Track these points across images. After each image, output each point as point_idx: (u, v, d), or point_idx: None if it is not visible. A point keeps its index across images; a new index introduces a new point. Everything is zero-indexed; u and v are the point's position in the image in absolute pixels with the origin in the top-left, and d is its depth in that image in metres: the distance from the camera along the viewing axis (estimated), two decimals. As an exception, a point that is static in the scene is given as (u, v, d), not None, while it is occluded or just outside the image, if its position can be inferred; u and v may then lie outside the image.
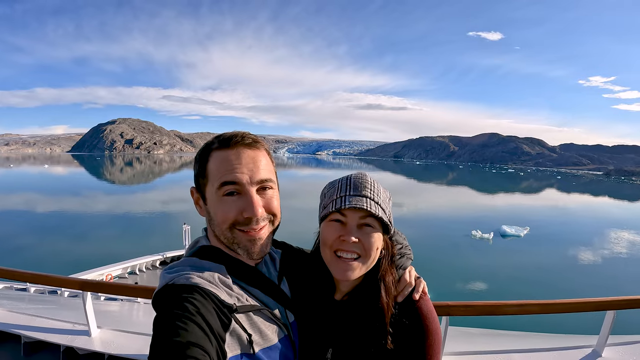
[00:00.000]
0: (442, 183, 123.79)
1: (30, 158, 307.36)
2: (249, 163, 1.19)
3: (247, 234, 1.19)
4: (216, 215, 1.19)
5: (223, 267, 1.16)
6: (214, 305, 1.01)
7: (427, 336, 1.25)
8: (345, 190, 1.29)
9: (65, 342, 2.95)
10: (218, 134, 1.26)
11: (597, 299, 2.64)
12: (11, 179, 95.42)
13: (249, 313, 1.13)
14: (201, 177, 1.22)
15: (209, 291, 1.03)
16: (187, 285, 1.02)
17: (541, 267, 26.26)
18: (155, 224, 37.76)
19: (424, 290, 1.36)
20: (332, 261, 1.30)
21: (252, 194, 1.18)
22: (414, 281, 1.37)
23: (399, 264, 1.41)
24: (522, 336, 3.56)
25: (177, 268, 1.12)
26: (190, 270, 1.09)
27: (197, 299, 0.98)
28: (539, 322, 6.38)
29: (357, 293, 1.36)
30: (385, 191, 1.34)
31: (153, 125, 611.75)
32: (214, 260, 1.18)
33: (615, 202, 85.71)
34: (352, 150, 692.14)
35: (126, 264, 17.99)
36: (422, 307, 1.29)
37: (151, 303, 1.05)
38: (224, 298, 1.06)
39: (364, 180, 1.30)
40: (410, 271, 1.40)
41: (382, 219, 1.26)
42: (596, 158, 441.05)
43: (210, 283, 1.07)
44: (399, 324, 1.28)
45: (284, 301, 1.32)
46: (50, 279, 3.08)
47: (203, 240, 1.28)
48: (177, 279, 1.04)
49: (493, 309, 2.40)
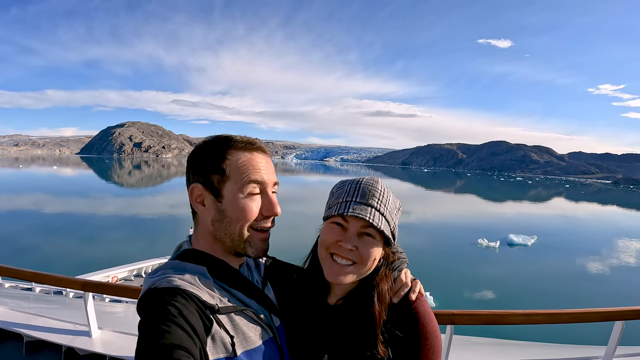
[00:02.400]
0: (449, 191, 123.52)
1: (39, 159, 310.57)
2: (269, 166, 1.25)
3: (262, 233, 1.24)
4: (236, 213, 1.19)
5: (204, 269, 1.16)
6: (196, 307, 1.01)
7: (425, 339, 1.22)
8: (352, 195, 1.25)
9: (66, 343, 2.95)
10: (222, 135, 1.25)
11: (605, 309, 2.59)
12: (20, 180, 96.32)
13: (231, 314, 1.12)
14: (216, 173, 1.19)
15: (191, 293, 1.03)
16: (169, 288, 1.02)
17: (548, 277, 26.02)
18: (162, 227, 37.92)
19: (421, 291, 1.33)
20: (326, 262, 1.27)
21: (272, 194, 1.24)
22: (410, 282, 1.34)
23: (395, 266, 1.36)
24: (528, 346, 3.51)
25: (160, 272, 1.12)
26: (172, 273, 1.09)
27: (179, 301, 0.98)
28: (545, 333, 6.31)
29: (351, 298, 1.32)
30: (395, 200, 1.29)
31: (162, 129, 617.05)
32: (195, 263, 1.17)
33: (623, 211, 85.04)
34: (360, 157, 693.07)
35: (132, 267, 18.05)
36: (418, 308, 1.26)
37: (136, 308, 1.05)
38: (206, 299, 1.06)
39: (373, 187, 1.26)
40: (406, 273, 1.37)
41: (384, 233, 1.21)
42: (605, 167, 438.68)
43: (191, 285, 1.06)
44: (395, 327, 1.24)
45: (268, 305, 1.30)
46: (52, 278, 3.07)
47: (186, 244, 1.27)
48: (159, 282, 1.04)
49: (499, 318, 2.36)
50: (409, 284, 1.33)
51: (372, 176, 1.33)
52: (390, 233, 1.24)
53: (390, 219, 1.25)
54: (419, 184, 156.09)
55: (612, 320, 2.67)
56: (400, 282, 1.33)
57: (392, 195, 1.29)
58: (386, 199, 1.25)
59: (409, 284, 1.33)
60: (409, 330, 1.23)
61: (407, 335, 1.23)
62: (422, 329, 1.23)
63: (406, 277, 1.35)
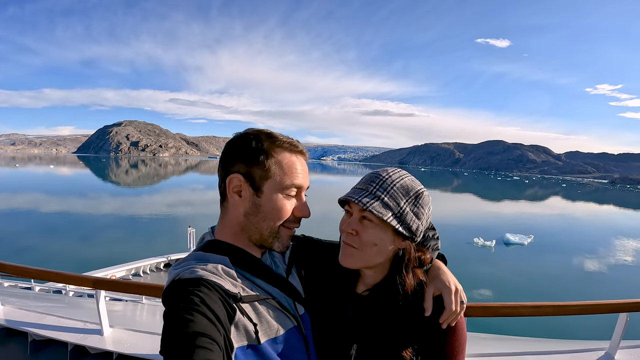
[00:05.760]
0: (446, 190, 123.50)
1: (36, 158, 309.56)
2: (306, 171, 1.29)
3: (291, 230, 1.27)
4: (272, 211, 1.22)
5: (227, 259, 1.17)
6: (219, 296, 1.02)
7: (453, 331, 1.24)
8: (358, 182, 1.29)
9: (75, 341, 2.94)
10: (265, 130, 1.27)
11: (611, 301, 2.62)
12: (16, 179, 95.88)
13: (254, 303, 1.14)
14: (259, 168, 1.20)
15: (214, 282, 1.04)
16: (192, 278, 1.04)
17: (545, 276, 26.02)
18: (160, 227, 37.78)
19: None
20: (341, 246, 1.30)
21: (304, 198, 1.30)
22: (459, 308, 1.26)
23: (428, 245, 1.33)
24: (534, 341, 3.53)
25: (183, 263, 1.14)
26: (194, 264, 1.11)
27: (202, 290, 0.99)
28: (551, 328, 6.36)
29: (378, 289, 1.31)
30: (407, 187, 1.24)
31: (159, 128, 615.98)
32: (218, 253, 1.19)
33: (620, 211, 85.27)
34: (357, 156, 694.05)
35: (130, 266, 17.98)
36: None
37: (161, 300, 1.08)
38: (229, 288, 1.07)
39: (377, 173, 1.27)
40: (453, 295, 1.27)
41: (383, 217, 1.18)
42: (601, 166, 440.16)
43: (214, 274, 1.08)
44: (423, 317, 1.25)
45: (292, 293, 1.31)
46: (61, 276, 3.07)
47: (208, 235, 1.29)
48: (183, 273, 1.06)
49: (510, 310, 2.40)
50: (458, 310, 1.26)
51: (395, 168, 1.31)
52: (394, 218, 1.20)
53: (393, 204, 1.21)
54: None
55: (617, 312, 2.71)
56: (450, 311, 1.24)
57: (405, 181, 1.25)
58: (388, 184, 1.23)
59: (457, 311, 1.26)
60: (436, 324, 1.24)
61: (435, 327, 1.24)
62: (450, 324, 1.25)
63: (454, 302, 1.26)
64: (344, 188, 1.41)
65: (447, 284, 1.28)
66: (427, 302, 1.25)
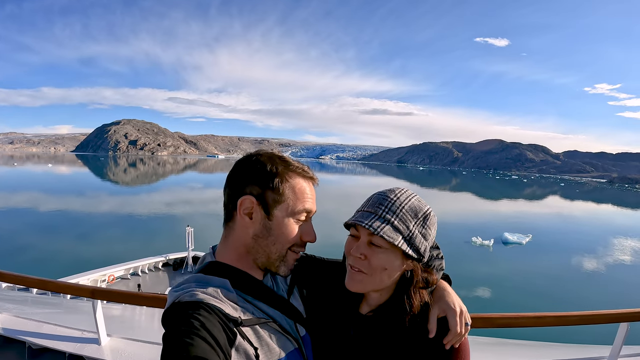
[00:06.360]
0: (445, 189, 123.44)
1: (34, 157, 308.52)
2: (315, 197, 1.31)
3: (297, 254, 1.29)
4: (282, 235, 1.23)
5: (227, 282, 1.16)
6: (219, 320, 1.01)
7: (457, 353, 1.22)
8: (365, 205, 1.27)
9: (73, 350, 2.93)
10: (277, 154, 1.29)
11: (611, 311, 2.64)
12: (15, 178, 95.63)
13: (255, 326, 1.13)
14: (273, 192, 1.20)
15: (213, 306, 1.04)
16: (192, 302, 1.03)
17: (544, 276, 26.04)
18: (158, 226, 37.68)
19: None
20: (347, 270, 1.27)
21: (311, 223, 1.32)
22: (464, 329, 1.24)
23: (432, 265, 1.29)
24: (535, 346, 3.54)
25: (183, 285, 1.13)
26: (195, 287, 1.10)
27: (202, 314, 0.99)
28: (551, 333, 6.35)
29: (382, 310, 1.30)
30: (415, 209, 1.22)
31: (157, 126, 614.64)
32: (218, 275, 1.18)
33: (619, 210, 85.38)
34: (355, 155, 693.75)
35: (129, 265, 17.93)
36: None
37: (160, 321, 1.06)
38: (229, 312, 1.07)
39: (384, 195, 1.24)
40: (458, 316, 1.24)
41: (393, 242, 1.16)
42: (600, 165, 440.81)
43: (214, 298, 1.07)
44: (427, 341, 1.23)
45: (294, 315, 1.30)
46: (59, 285, 3.07)
47: (209, 257, 1.28)
48: (183, 296, 1.06)
49: (511, 321, 2.39)
50: (462, 333, 1.23)
51: (401, 187, 1.30)
52: (404, 242, 1.18)
53: (403, 228, 1.19)
54: (414, 181, 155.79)
55: (618, 322, 2.71)
56: (454, 332, 1.22)
57: (412, 203, 1.23)
58: (397, 206, 1.20)
59: (462, 334, 1.24)
60: (440, 344, 1.22)
61: (438, 349, 1.22)
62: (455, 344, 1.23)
63: (459, 324, 1.23)
64: (343, 187, 1.39)
65: (452, 305, 1.26)
66: (431, 323, 1.23)
